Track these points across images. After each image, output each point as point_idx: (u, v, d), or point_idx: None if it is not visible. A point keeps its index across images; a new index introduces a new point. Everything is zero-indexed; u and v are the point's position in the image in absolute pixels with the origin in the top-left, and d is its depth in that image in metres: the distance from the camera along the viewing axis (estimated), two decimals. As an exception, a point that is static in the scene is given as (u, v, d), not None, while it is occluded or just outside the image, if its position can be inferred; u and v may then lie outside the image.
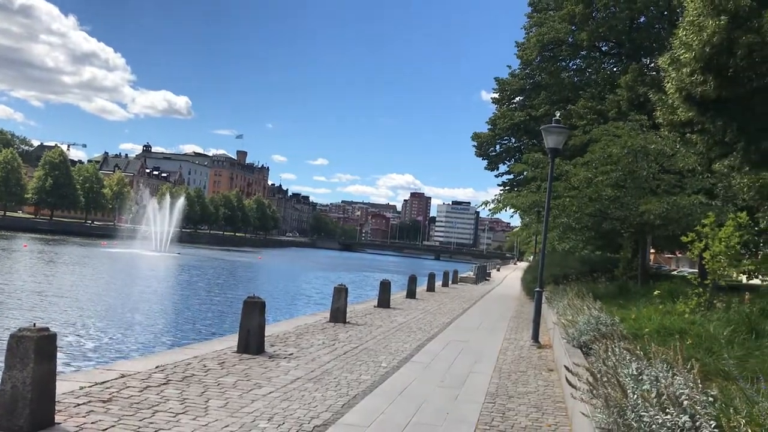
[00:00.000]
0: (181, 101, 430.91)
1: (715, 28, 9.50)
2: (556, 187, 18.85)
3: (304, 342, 11.38)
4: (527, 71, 37.43)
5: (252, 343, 9.81)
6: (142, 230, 78.07)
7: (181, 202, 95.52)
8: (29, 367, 5.22)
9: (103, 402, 6.46)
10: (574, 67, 36.61)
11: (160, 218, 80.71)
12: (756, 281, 20.81)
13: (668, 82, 11.15)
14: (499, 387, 8.96)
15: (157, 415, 6.22)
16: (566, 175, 19.97)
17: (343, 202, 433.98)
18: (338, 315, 14.46)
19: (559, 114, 16.69)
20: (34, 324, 5.55)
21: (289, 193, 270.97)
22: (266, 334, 10.51)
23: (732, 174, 16.84)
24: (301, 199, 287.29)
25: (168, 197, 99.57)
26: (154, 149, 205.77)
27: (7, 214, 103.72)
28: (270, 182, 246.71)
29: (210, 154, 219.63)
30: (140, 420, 5.98)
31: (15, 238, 71.99)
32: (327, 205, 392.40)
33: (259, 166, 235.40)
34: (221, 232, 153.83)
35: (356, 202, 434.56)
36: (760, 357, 6.96)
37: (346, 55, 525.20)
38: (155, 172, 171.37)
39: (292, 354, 10.09)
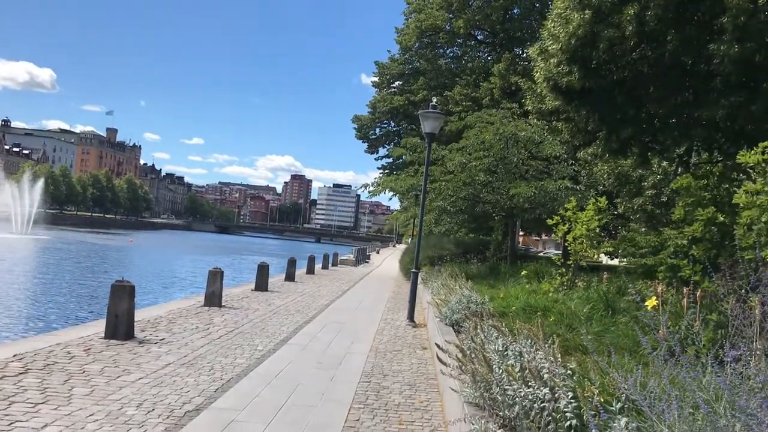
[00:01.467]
0: (45, 74, 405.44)
1: (580, 21, 10.02)
2: (433, 171, 19.33)
3: (177, 327, 11.05)
4: (406, 57, 38.02)
5: (120, 328, 9.40)
6: (2, 212, 72.60)
7: (42, 180, 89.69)
8: None
9: (-48, 395, 6.00)
10: (451, 54, 37.55)
11: (20, 198, 75.37)
12: (614, 262, 22.30)
13: (537, 72, 11.66)
14: (374, 366, 9.11)
15: (14, 406, 5.85)
16: (442, 160, 20.51)
17: (220, 183, 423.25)
18: (213, 299, 14.13)
19: (436, 100, 17.07)
20: None
21: (163, 173, 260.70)
22: (136, 319, 10.12)
23: (595, 161, 17.94)
24: (175, 179, 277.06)
25: (29, 175, 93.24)
26: (14, 124, 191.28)
27: None
28: (142, 161, 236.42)
29: (77, 131, 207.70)
30: (-6, 413, 5.60)
31: None
32: (203, 187, 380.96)
33: (131, 144, 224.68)
34: (89, 214, 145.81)
35: (234, 184, 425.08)
36: (614, 332, 7.47)
37: (222, 32, 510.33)
38: (15, 149, 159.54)
39: (163, 339, 9.77)
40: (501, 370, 4.91)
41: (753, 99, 9.48)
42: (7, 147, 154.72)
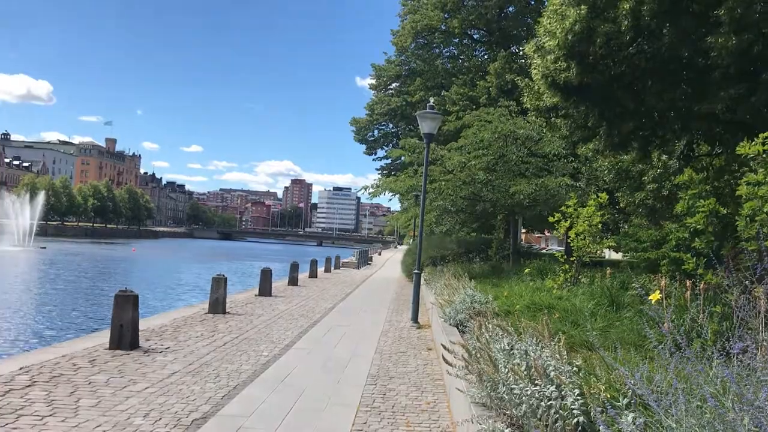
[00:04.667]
0: (42, 86, 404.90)
1: (576, 16, 10.01)
2: (432, 171, 19.33)
3: (182, 335, 11.05)
4: (402, 58, 38.04)
5: (125, 338, 9.40)
6: (2, 224, 72.62)
7: (43, 193, 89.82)
8: None
9: (-42, 410, 5.99)
10: (448, 54, 37.58)
11: (21, 211, 75.40)
12: (617, 256, 22.23)
13: (534, 69, 11.64)
14: (380, 369, 9.10)
15: (22, 419, 5.85)
16: (441, 160, 20.50)
17: (221, 190, 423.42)
18: (217, 306, 14.13)
19: (433, 100, 17.12)
20: None
21: (164, 182, 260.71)
22: (141, 329, 10.11)
23: (595, 157, 17.92)
24: (176, 187, 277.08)
25: (29, 188, 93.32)
26: (13, 137, 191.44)
27: None
28: (142, 171, 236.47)
29: (76, 142, 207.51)
30: (2, 426, 5.60)
31: None
32: (204, 194, 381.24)
33: (130, 154, 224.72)
34: (91, 224, 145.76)
35: (235, 190, 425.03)
36: (619, 327, 7.46)
37: (217, 39, 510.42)
38: (15, 162, 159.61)
39: (168, 348, 9.76)
40: (507, 369, 4.90)
41: (753, 90, 9.46)
42: (7, 160, 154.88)
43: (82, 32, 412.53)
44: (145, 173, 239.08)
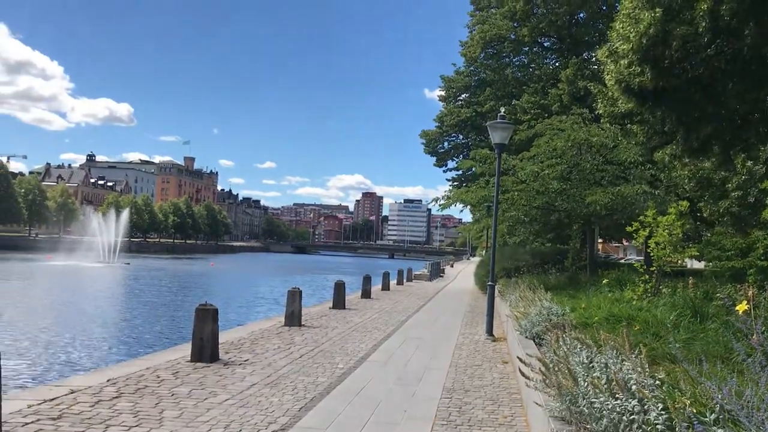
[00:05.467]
0: (123, 108, 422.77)
1: (650, 20, 9.76)
2: (504, 181, 19.13)
3: (259, 347, 11.28)
4: (472, 68, 37.89)
5: (206, 351, 9.67)
6: (89, 241, 76.09)
7: (126, 211, 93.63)
8: (-28, 388, 5.04)
9: (53, 419, 6.28)
10: (518, 63, 37.18)
11: (106, 228, 78.81)
12: (700, 265, 21.40)
13: (607, 75, 11.41)
14: (455, 382, 9.04)
15: (110, 429, 6.08)
16: (513, 170, 20.27)
17: (294, 204, 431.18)
18: (293, 318, 14.36)
19: (504, 110, 16.93)
20: (-24, 343, 5.36)
21: (240, 198, 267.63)
22: (220, 341, 10.38)
23: (673, 163, 17.36)
24: (251, 203, 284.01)
25: (114, 207, 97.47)
26: (97, 158, 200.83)
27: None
28: (219, 187, 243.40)
29: (156, 161, 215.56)
30: (92, 436, 5.84)
31: (-46, 255, 69.37)
32: (278, 209, 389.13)
33: (208, 171, 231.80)
34: (171, 240, 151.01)
35: (308, 204, 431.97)
36: (704, 339, 7.18)
37: (288, 57, 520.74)
38: (100, 182, 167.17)
39: (247, 360, 9.98)
40: (586, 383, 4.79)
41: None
42: (93, 180, 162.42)
43: (160, 56, 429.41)
44: (222, 190, 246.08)
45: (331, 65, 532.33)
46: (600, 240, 39.99)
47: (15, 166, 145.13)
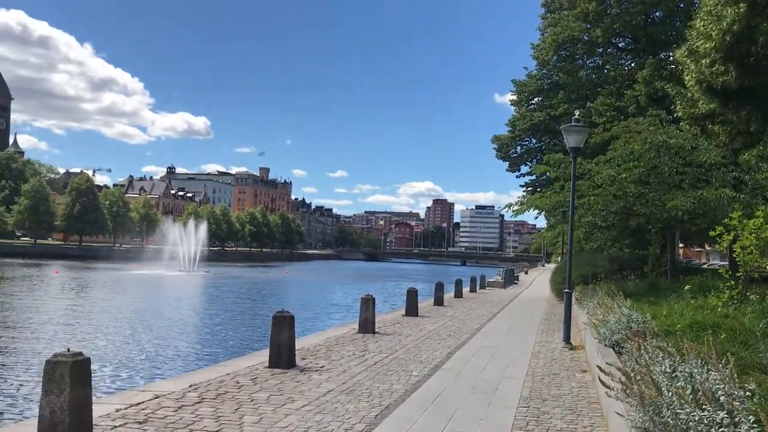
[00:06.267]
0: (200, 122, 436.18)
1: (734, 16, 9.38)
2: (580, 186, 18.74)
3: (335, 354, 11.41)
4: (544, 71, 37.40)
5: (283, 357, 9.85)
6: (170, 251, 78.79)
7: (205, 221, 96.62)
8: (65, 392, 5.28)
9: (139, 423, 6.52)
10: (592, 64, 36.44)
11: (187, 238, 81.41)
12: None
13: (687, 75, 11.03)
14: (532, 391, 8.90)
15: (193, 433, 6.27)
16: (589, 174, 19.82)
17: (365, 212, 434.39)
18: (367, 325, 14.47)
19: (578, 113, 16.63)
20: (68, 349, 5.62)
21: (313, 207, 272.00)
22: (297, 348, 10.54)
23: (759, 165, 16.60)
24: (324, 211, 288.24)
25: (193, 217, 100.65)
26: (177, 170, 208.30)
27: (38, 241, 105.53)
28: (293, 197, 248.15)
29: (233, 172, 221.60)
30: (176, 439, 6.04)
31: (46, 265, 73.10)
32: (350, 217, 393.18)
33: (282, 181, 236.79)
34: (248, 249, 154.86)
35: (379, 212, 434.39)
36: (797, 348, 6.82)
37: (357, 67, 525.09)
38: (180, 193, 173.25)
39: (323, 367, 10.11)
40: (670, 393, 4.63)
41: None
42: (173, 191, 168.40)
43: (234, 71, 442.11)
44: (296, 199, 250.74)
45: (400, 73, 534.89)
46: (681, 245, 38.62)
47: (100, 179, 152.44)
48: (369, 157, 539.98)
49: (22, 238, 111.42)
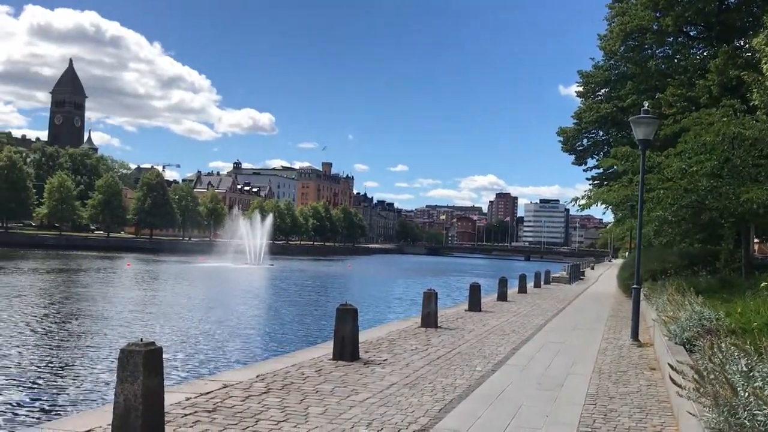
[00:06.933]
0: (265, 118, 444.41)
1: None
2: (649, 179, 18.20)
3: (397, 348, 11.45)
4: (611, 62, 36.47)
5: (347, 349, 9.95)
6: (236, 244, 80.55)
7: (270, 215, 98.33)
8: (139, 380, 5.45)
9: (209, 412, 6.70)
10: (661, 54, 35.27)
11: (252, 232, 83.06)
12: None
13: (765, 63, 10.60)
14: (599, 388, 8.72)
15: (260, 423, 6.40)
16: (658, 167, 19.23)
17: (427, 206, 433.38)
18: (429, 320, 14.46)
19: (647, 104, 16.11)
20: (141, 339, 5.81)
21: (374, 201, 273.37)
22: (360, 341, 10.62)
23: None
24: (386, 206, 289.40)
25: (259, 211, 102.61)
26: (243, 165, 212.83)
27: (111, 235, 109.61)
28: (355, 191, 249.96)
29: (296, 167, 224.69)
30: (244, 429, 6.16)
31: (119, 257, 75.86)
32: (411, 211, 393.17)
33: (344, 176, 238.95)
34: (311, 242, 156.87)
35: (440, 206, 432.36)
36: None
37: (417, 60, 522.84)
38: (246, 188, 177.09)
39: (386, 360, 10.16)
40: (747, 393, 4.47)
41: None
42: (239, 186, 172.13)
43: (297, 68, 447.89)
44: (358, 193, 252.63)
45: (461, 66, 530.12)
46: (756, 240, 37.14)
47: (170, 174, 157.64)
48: (430, 151, 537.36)
49: (96, 232, 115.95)
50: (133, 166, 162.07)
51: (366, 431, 6.29)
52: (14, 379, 14.36)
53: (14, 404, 12.42)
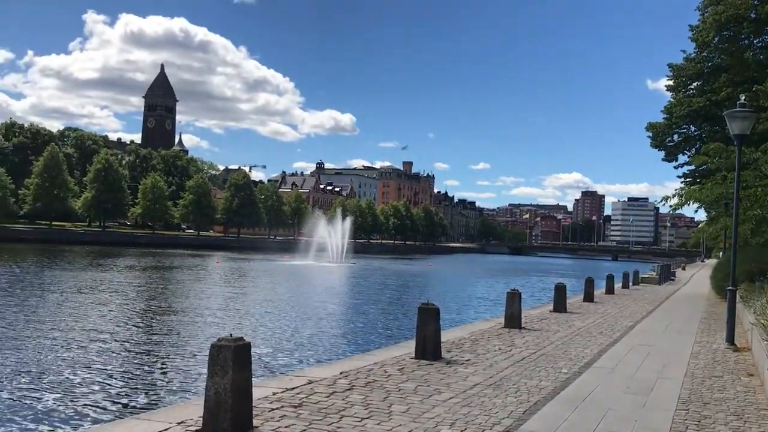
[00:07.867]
0: (346, 119, 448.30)
1: None
2: (745, 176, 17.36)
3: (480, 348, 11.36)
4: (704, 54, 34.91)
5: (429, 349, 9.95)
6: (320, 243, 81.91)
7: (351, 217, 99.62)
8: (228, 374, 5.63)
9: (294, 407, 6.84)
10: (759, 44, 33.50)
11: (335, 231, 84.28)
12: None
13: None
14: (692, 393, 8.39)
15: (344, 420, 6.48)
16: (756, 163, 18.31)
17: (509, 205, 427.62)
18: (513, 320, 14.27)
19: (744, 97, 15.33)
20: (231, 334, 5.99)
21: (455, 200, 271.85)
22: (442, 340, 10.59)
23: None
24: (467, 205, 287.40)
25: (341, 211, 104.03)
26: (326, 165, 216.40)
27: (201, 233, 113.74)
28: (436, 190, 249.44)
29: (377, 166, 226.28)
30: (329, 425, 6.26)
31: (208, 255, 78.55)
32: (493, 210, 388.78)
33: (425, 175, 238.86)
34: (392, 241, 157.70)
35: (523, 205, 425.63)
36: None
37: (497, 58, 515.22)
38: (328, 188, 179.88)
39: (468, 360, 10.10)
40: None
41: None
42: (322, 186, 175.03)
43: (377, 69, 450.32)
44: (438, 192, 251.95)
45: (544, 61, 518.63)
46: None
47: (256, 175, 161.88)
48: (512, 149, 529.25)
49: (187, 230, 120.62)
50: (221, 167, 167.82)
51: (449, 431, 6.27)
52: (116, 371, 15.14)
53: (113, 395, 13.08)
